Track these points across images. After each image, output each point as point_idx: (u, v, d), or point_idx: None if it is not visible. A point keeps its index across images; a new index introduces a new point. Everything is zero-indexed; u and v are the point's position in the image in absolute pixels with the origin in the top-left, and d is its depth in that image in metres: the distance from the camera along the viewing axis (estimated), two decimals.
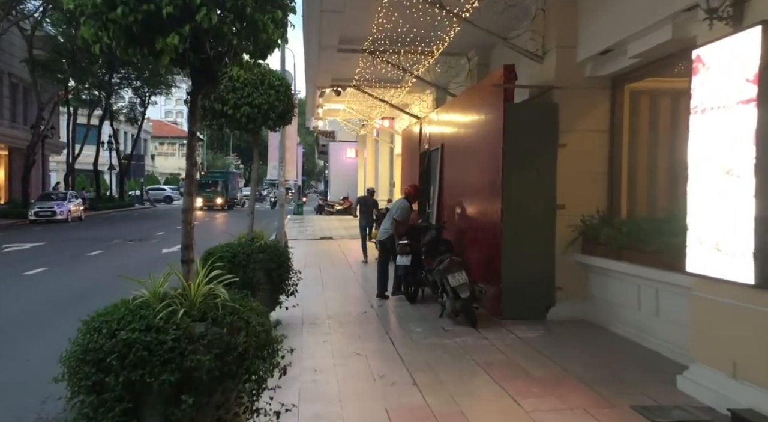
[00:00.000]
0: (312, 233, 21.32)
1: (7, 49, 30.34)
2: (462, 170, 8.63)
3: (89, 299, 8.14)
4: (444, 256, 6.90)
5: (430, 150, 11.06)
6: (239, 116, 6.69)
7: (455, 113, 9.39)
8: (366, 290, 9.38)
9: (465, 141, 8.57)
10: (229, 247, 6.79)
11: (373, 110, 17.66)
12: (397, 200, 8.84)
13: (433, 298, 8.14)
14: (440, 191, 10.04)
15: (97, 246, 16.02)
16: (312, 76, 13.14)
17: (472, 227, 7.99)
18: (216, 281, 3.62)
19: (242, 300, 3.50)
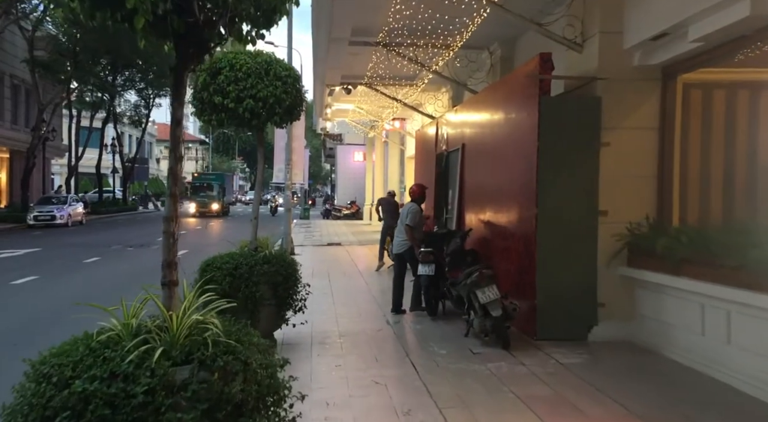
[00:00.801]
0: (319, 238, 20.57)
1: (8, 50, 29.85)
2: (487, 172, 7.86)
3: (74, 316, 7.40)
4: (472, 268, 6.12)
5: (448, 151, 10.30)
6: (242, 111, 5.95)
7: (477, 110, 8.63)
8: (380, 303, 8.61)
9: (490, 141, 7.80)
10: (229, 257, 6.05)
11: (384, 110, 16.92)
12: (406, 204, 8.05)
13: (456, 314, 7.37)
14: (461, 196, 9.27)
15: (94, 252, 15.32)
16: (321, 73, 12.41)
17: (500, 234, 7.21)
18: (207, 308, 2.86)
19: (240, 332, 2.72)
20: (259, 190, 6.54)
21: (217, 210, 36.25)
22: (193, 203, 35.99)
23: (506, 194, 7.09)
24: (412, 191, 7.92)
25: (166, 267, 2.66)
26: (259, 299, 5.90)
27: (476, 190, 8.46)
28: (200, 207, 35.64)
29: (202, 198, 36.26)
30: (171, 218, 2.65)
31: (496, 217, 7.43)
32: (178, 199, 2.74)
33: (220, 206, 36.65)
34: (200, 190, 37.06)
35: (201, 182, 38.18)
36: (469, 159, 8.91)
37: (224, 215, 37.43)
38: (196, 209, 35.52)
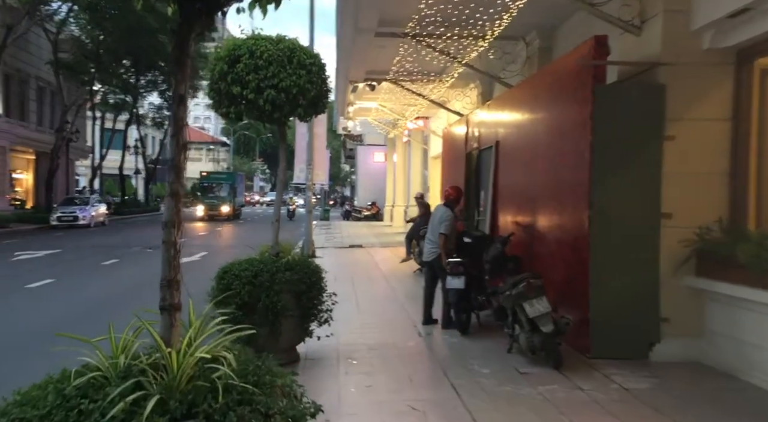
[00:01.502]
0: (340, 240, 20.04)
1: (34, 52, 30.00)
2: (527, 171, 7.20)
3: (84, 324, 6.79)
4: (518, 277, 5.47)
5: (480, 149, 9.65)
6: (262, 102, 5.40)
7: (514, 104, 7.97)
8: (409, 311, 8.00)
9: (530, 137, 7.14)
10: (249, 264, 5.50)
11: (408, 108, 16.31)
12: (436, 208, 7.38)
13: (493, 325, 6.73)
14: (494, 197, 8.62)
15: (114, 254, 14.99)
16: (344, 68, 11.86)
17: (542, 239, 6.54)
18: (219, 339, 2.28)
19: (260, 370, 2.13)
20: (281, 190, 5.98)
21: (227, 213, 32.98)
22: (201, 205, 33.15)
23: (551, 194, 6.43)
24: (446, 194, 7.25)
25: (165, 287, 2.08)
26: (281, 310, 5.35)
27: (513, 190, 7.81)
28: (209, 210, 32.36)
29: (211, 200, 33.08)
30: (172, 223, 2.07)
31: (538, 220, 6.77)
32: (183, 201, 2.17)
33: (230, 209, 33.35)
34: (208, 191, 33.95)
35: (209, 182, 34.61)
36: (505, 157, 8.25)
37: (236, 218, 34.20)
38: (205, 212, 32.31)
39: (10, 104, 28.70)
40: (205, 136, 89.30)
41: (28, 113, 30.64)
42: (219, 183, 34.51)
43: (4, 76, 27.66)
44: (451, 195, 7.16)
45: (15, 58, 28.65)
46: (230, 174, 38.77)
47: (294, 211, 33.39)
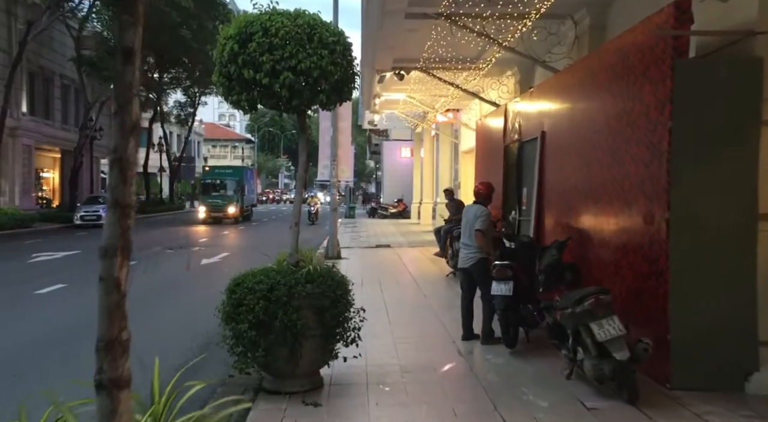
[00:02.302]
0: (366, 239, 19.28)
1: (58, 50, 29.97)
2: (582, 165, 6.28)
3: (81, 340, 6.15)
4: (581, 292, 4.59)
5: (521, 141, 8.74)
6: (278, 87, 4.63)
7: (564, 90, 7.05)
8: (444, 322, 7.17)
9: (586, 125, 6.22)
10: (264, 275, 4.75)
11: (438, 99, 15.43)
12: (467, 208, 6.50)
13: (543, 340, 5.86)
14: (539, 194, 7.71)
15: (132, 255, 14.45)
16: (370, 56, 11.04)
17: (604, 245, 5.63)
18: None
19: None
20: (301, 188, 5.19)
21: (234, 215, 27.94)
22: (203, 206, 28.05)
23: (614, 192, 5.51)
24: (476, 191, 6.39)
25: (103, 352, 1.30)
26: (301, 329, 4.59)
27: (563, 187, 6.89)
28: (212, 211, 27.45)
29: (215, 199, 27.93)
30: (114, 249, 1.31)
31: (598, 222, 5.85)
32: (136, 207, 1.38)
33: (237, 210, 28.24)
34: (212, 189, 28.78)
35: (212, 179, 29.51)
36: (553, 150, 7.34)
37: (245, 220, 29.72)
38: (207, 214, 27.51)
39: (35, 103, 28.72)
40: (230, 133, 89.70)
41: (53, 111, 30.67)
42: (224, 179, 29.25)
43: (29, 74, 27.65)
44: (482, 192, 6.30)
45: (39, 55, 28.63)
46: (237, 169, 33.69)
47: (317, 212, 28.39)
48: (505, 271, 5.68)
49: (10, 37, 24.69)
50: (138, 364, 1.88)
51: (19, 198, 25.57)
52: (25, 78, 27.03)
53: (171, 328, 7.31)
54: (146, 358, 2.94)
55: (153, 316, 7.81)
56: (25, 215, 22.09)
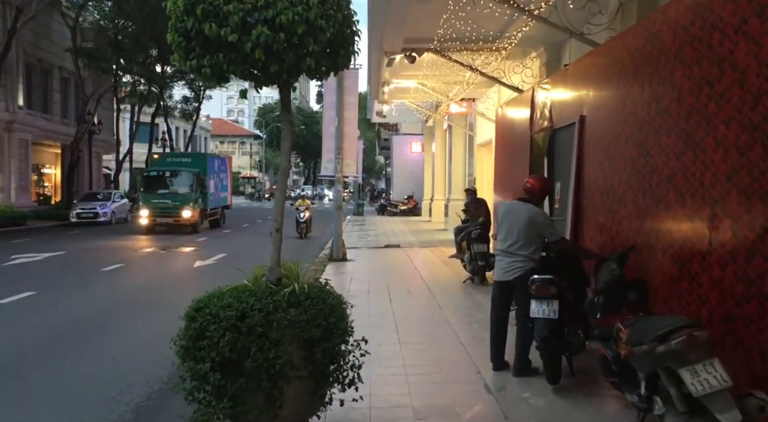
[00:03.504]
0: (375, 239, 18.10)
1: (57, 42, 29.01)
2: (638, 154, 5.04)
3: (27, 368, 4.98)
4: (661, 321, 3.37)
5: (552, 129, 7.50)
6: (250, 48, 3.46)
7: (611, 64, 5.79)
8: (465, 344, 5.98)
9: (644, 104, 4.97)
10: (233, 297, 3.57)
11: (452, 87, 14.18)
12: (516, 204, 5.22)
13: (590, 370, 4.67)
14: (577, 190, 6.47)
15: (120, 257, 13.42)
16: (378, 35, 9.84)
17: (679, 256, 4.39)
18: None
19: None
20: (284, 183, 3.99)
21: (190, 220, 19.65)
22: (146, 208, 19.70)
23: (687, 186, 4.27)
24: (529, 186, 5.14)
25: None
26: (282, 369, 3.44)
27: (610, 182, 5.64)
28: (157, 216, 19.59)
29: (162, 199, 19.76)
30: None
31: (662, 225, 4.61)
32: None
33: (196, 213, 19.92)
34: (159, 184, 20.36)
35: (160, 171, 20.93)
36: (594, 137, 6.09)
37: (213, 226, 22.11)
38: (150, 220, 19.45)
39: (32, 96, 27.78)
40: (238, 129, 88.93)
41: (51, 105, 29.74)
42: (176, 171, 20.71)
43: (25, 66, 26.69)
44: (536, 188, 5.09)
45: (37, 47, 27.69)
46: (197, 156, 25.39)
47: (308, 221, 18.79)
48: (548, 287, 4.48)
49: (5, 26, 23.71)
50: None
51: (15, 195, 24.67)
52: (22, 70, 26.08)
53: (129, 358, 6.16)
54: None
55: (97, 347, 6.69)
56: (18, 213, 21.14)
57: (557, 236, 4.92)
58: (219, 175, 23.86)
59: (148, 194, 20.19)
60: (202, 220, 20.99)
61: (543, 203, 5.18)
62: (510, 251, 4.87)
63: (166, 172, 20.93)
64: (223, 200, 24.43)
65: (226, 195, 25.39)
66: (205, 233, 20.14)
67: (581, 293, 4.85)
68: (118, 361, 5.71)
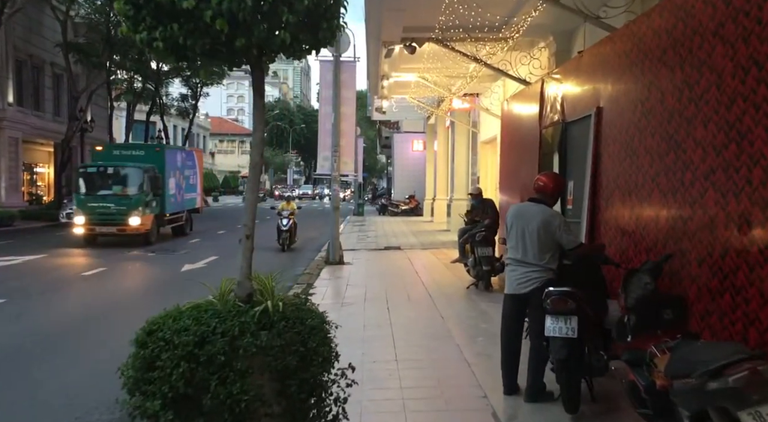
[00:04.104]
0: (374, 240, 17.47)
1: (49, 37, 28.38)
2: (667, 148, 4.41)
3: None
4: (711, 348, 2.76)
5: (564, 122, 6.88)
6: (209, 17, 2.85)
7: (633, 48, 5.17)
8: (470, 361, 5.37)
9: (675, 91, 4.35)
10: (193, 318, 2.96)
11: (455, 81, 13.56)
12: (528, 205, 4.56)
13: (611, 396, 4.05)
14: (594, 189, 5.86)
15: (104, 260, 12.79)
16: (376, 23, 9.22)
17: (721, 266, 3.76)
18: None
19: None
20: (255, 180, 3.36)
21: (139, 228, 15.47)
22: (82, 214, 15.34)
23: (727, 186, 3.65)
24: (541, 185, 4.49)
25: None
26: (250, 406, 2.84)
27: (633, 180, 5.02)
28: (95, 223, 15.30)
29: (102, 203, 15.44)
30: None
31: (699, 230, 3.98)
32: None
33: (147, 220, 15.70)
34: (99, 184, 15.91)
35: (101, 167, 16.38)
36: (614, 130, 5.47)
37: (177, 233, 18.15)
38: (87, 229, 15.29)
39: (23, 93, 27.16)
40: (238, 127, 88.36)
41: (43, 102, 29.12)
42: (122, 168, 16.04)
43: (16, 62, 26.06)
44: (549, 187, 4.46)
45: (27, 42, 27.07)
46: (151, 149, 19.39)
47: (292, 229, 14.92)
48: (565, 302, 3.85)
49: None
50: None
51: (5, 194, 24.06)
52: (12, 66, 25.45)
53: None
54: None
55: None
56: (5, 213, 20.50)
57: (575, 241, 4.29)
58: (183, 171, 19.12)
59: (86, 197, 15.41)
60: (158, 228, 16.60)
61: (556, 203, 4.55)
62: (523, 261, 4.24)
63: (109, 168, 16.06)
64: (189, 203, 19.60)
65: (195, 196, 20.47)
66: (197, 235, 18.63)
67: (601, 304, 4.24)
68: (79, 383, 5.11)
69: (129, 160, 16.93)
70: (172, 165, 18.10)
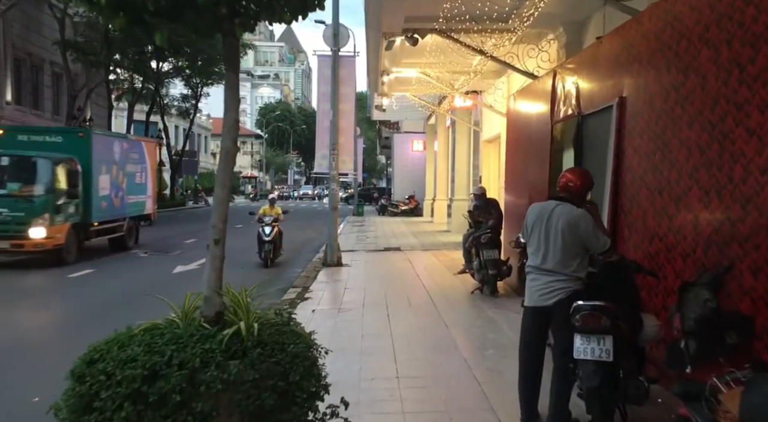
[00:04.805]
0: (374, 241, 16.91)
1: (48, 36, 27.89)
2: (709, 140, 3.85)
3: None
4: None
5: (581, 115, 6.31)
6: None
7: (665, 29, 4.60)
8: (480, 378, 4.80)
9: (722, 73, 3.78)
10: (144, 345, 2.38)
11: (458, 77, 13.00)
12: (549, 204, 3.93)
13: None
14: (616, 187, 5.30)
15: (94, 260, 12.26)
16: (376, 13, 8.66)
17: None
18: None
19: None
20: (227, 170, 2.80)
21: (46, 243, 11.07)
22: None
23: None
24: (569, 184, 3.87)
25: None
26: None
27: (665, 177, 4.45)
28: None
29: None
30: None
31: (753, 234, 3.42)
32: None
33: (59, 231, 11.40)
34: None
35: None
36: (640, 122, 4.90)
37: (116, 248, 14.07)
38: None
39: (22, 91, 26.66)
40: (240, 128, 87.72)
41: (42, 101, 28.62)
42: (25, 159, 11.68)
43: (14, 60, 25.57)
44: (576, 185, 3.88)
45: (26, 40, 26.59)
46: (72, 134, 13.46)
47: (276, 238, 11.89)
48: (598, 319, 3.28)
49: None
50: None
51: None
52: (10, 64, 24.95)
53: None
54: None
55: None
56: None
57: (605, 245, 3.72)
58: (123, 166, 14.35)
59: None
60: (80, 241, 12.42)
61: (582, 203, 3.96)
62: (546, 269, 3.66)
63: (3, 158, 11.63)
64: (134, 208, 14.90)
65: (144, 199, 15.71)
66: (193, 235, 16.85)
67: (635, 318, 3.67)
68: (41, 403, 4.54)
69: (39, 147, 12.09)
70: (103, 157, 13.35)
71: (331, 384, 2.68)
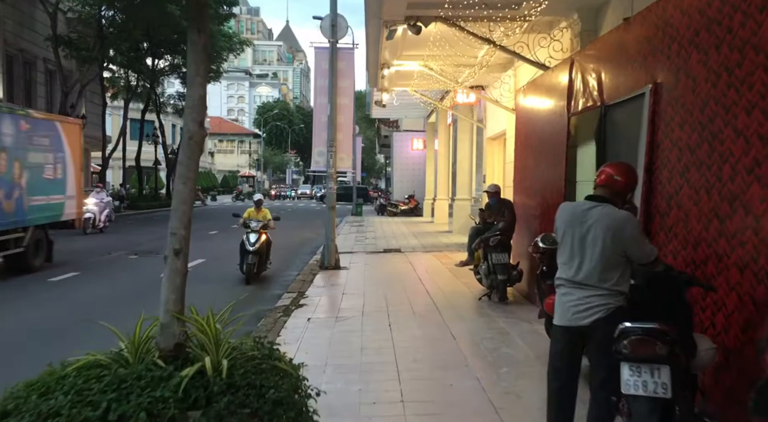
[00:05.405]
0: (373, 242, 16.32)
1: (41, 32, 27.26)
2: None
3: None
4: None
5: (604, 105, 5.72)
6: None
7: (712, 4, 4.00)
8: (495, 403, 4.21)
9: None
10: (76, 391, 1.79)
11: (461, 71, 12.39)
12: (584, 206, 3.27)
13: None
14: (649, 186, 4.70)
15: (80, 262, 11.66)
16: (376, 1, 8.05)
17: None
18: None
19: None
20: (192, 162, 2.20)
21: None
22: None
23: None
24: (612, 178, 3.25)
25: None
26: None
27: (714, 172, 3.85)
28: None
29: None
30: None
31: None
32: None
33: None
34: None
35: None
36: (681, 110, 4.30)
37: (17, 267, 10.26)
38: None
39: (14, 88, 26.02)
40: (237, 127, 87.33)
41: (35, 98, 27.98)
42: None
43: (6, 56, 24.92)
44: (620, 182, 3.27)
45: (19, 37, 25.96)
46: None
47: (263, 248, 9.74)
48: (652, 345, 2.69)
49: None
50: None
51: None
52: (2, 61, 24.32)
53: None
54: None
55: None
56: None
57: (651, 254, 3.12)
58: (24, 156, 10.35)
59: None
60: None
61: (624, 203, 3.37)
62: (581, 281, 3.06)
63: None
64: (42, 212, 11.06)
65: (62, 200, 11.85)
66: None
67: (688, 342, 3.07)
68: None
69: None
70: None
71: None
